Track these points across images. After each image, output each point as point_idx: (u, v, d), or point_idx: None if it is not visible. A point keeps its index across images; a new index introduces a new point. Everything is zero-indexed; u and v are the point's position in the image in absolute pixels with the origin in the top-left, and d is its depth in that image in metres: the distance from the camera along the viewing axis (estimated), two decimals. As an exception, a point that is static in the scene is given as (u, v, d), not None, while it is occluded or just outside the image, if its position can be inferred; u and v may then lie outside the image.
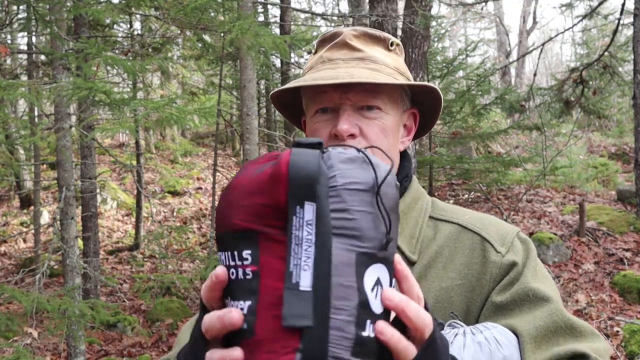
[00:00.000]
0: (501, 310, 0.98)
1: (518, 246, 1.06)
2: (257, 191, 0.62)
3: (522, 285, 0.99)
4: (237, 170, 1.23)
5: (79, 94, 3.51)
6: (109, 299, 7.37)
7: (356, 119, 1.04)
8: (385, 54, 1.10)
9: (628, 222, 7.48)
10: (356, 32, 1.09)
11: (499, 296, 0.99)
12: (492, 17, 20.56)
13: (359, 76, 1.00)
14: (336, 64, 1.06)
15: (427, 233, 1.08)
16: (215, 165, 6.73)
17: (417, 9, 6.63)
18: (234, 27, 3.89)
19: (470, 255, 1.04)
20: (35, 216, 9.07)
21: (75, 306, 3.84)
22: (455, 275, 1.03)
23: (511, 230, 1.08)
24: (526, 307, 0.97)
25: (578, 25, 13.16)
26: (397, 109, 1.09)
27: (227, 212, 0.64)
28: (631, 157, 11.26)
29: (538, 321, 0.94)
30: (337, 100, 1.04)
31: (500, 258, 1.02)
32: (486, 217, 1.12)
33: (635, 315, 5.52)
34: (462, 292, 1.01)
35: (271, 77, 9.65)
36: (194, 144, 15.44)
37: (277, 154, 0.63)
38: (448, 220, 1.10)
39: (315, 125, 1.07)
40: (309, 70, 1.12)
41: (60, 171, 4.84)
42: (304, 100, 1.13)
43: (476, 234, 1.06)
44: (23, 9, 5.96)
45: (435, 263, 1.04)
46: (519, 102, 8.74)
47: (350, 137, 1.03)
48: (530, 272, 1.01)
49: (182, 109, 3.75)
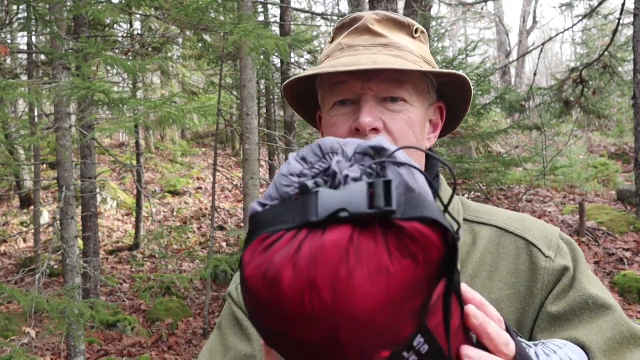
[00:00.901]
0: (558, 321, 0.89)
1: (565, 249, 0.96)
2: (408, 296, 0.49)
3: (579, 292, 0.90)
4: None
5: (78, 93, 3.51)
6: (109, 298, 7.37)
7: (379, 111, 0.93)
8: (410, 41, 1.00)
9: (628, 222, 7.48)
10: (378, 16, 0.99)
11: (554, 306, 0.90)
12: (492, 17, 20.56)
13: (383, 62, 0.90)
14: (357, 51, 0.96)
15: (466, 239, 0.98)
16: (216, 165, 6.73)
17: (417, 9, 6.63)
18: (236, 29, 3.89)
19: (517, 262, 0.95)
20: (35, 216, 9.07)
21: (75, 306, 3.84)
22: (503, 285, 0.93)
23: (554, 231, 0.99)
24: (586, 316, 0.88)
25: (578, 25, 13.17)
26: (423, 102, 0.98)
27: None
28: (631, 157, 11.26)
29: (606, 333, 0.85)
30: (358, 91, 0.93)
31: (550, 263, 0.93)
32: (525, 217, 1.02)
33: (635, 315, 5.52)
34: (512, 304, 0.92)
35: (271, 77, 9.64)
36: (194, 143, 15.44)
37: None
38: (485, 222, 0.99)
39: (333, 119, 0.97)
40: (325, 58, 1.01)
41: (60, 171, 4.84)
42: (319, 92, 1.02)
43: (520, 237, 0.97)
44: (23, 8, 5.96)
45: (479, 272, 0.95)
46: (519, 102, 8.73)
47: (373, 132, 0.92)
48: (584, 276, 0.93)
49: (182, 108, 3.76)
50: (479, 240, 0.98)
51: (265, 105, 10.67)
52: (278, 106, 10.43)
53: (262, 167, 11.34)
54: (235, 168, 13.07)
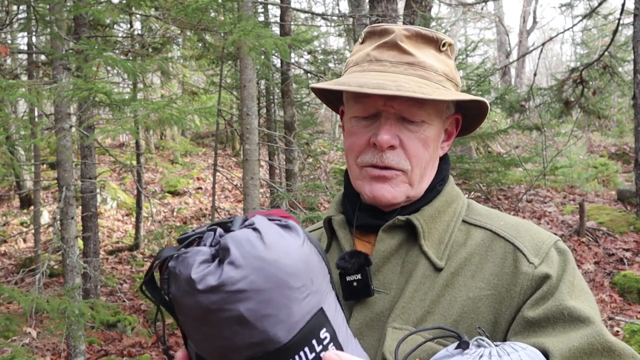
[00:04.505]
0: (533, 327, 0.91)
1: (554, 257, 0.97)
2: None
3: (557, 302, 0.91)
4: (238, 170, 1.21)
5: (79, 94, 3.51)
6: (109, 299, 7.37)
7: (398, 129, 1.00)
8: (436, 56, 1.04)
9: (628, 222, 7.48)
10: (408, 32, 1.03)
11: (530, 311, 0.92)
12: (492, 17, 20.55)
13: (407, 88, 0.95)
14: (383, 66, 1.01)
15: (458, 238, 1.03)
16: (216, 165, 6.73)
17: (417, 9, 6.64)
18: (235, 29, 3.89)
19: (501, 265, 0.98)
20: (35, 216, 9.07)
21: (75, 306, 3.84)
22: (483, 285, 0.97)
23: (548, 239, 1.00)
24: (560, 326, 0.89)
25: (578, 25, 13.17)
26: (441, 117, 1.05)
27: None
28: (631, 157, 11.26)
29: (573, 342, 0.86)
30: (381, 107, 1.00)
31: (533, 269, 0.95)
32: (523, 223, 1.04)
33: (635, 315, 5.52)
34: (490, 304, 0.95)
35: (271, 77, 9.64)
36: (194, 143, 15.44)
37: None
38: (481, 225, 1.04)
39: (353, 129, 1.04)
40: (353, 65, 1.06)
41: (60, 171, 4.84)
42: (344, 95, 1.08)
43: (509, 242, 1.00)
44: (23, 9, 5.97)
45: (463, 271, 0.99)
46: (519, 102, 8.74)
47: (390, 149, 0.99)
48: (566, 287, 0.93)
49: (182, 109, 3.75)
50: (470, 241, 1.02)
51: (265, 105, 10.67)
52: (278, 106, 10.43)
53: (262, 167, 11.34)
54: (235, 168, 13.07)
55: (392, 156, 1.00)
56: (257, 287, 0.68)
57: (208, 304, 0.69)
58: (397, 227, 1.03)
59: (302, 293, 0.70)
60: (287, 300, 0.69)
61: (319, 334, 0.70)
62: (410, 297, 0.97)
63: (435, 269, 0.99)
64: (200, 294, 0.69)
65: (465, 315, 0.95)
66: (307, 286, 0.71)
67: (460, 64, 9.01)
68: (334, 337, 0.72)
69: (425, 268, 0.99)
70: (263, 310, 0.68)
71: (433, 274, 0.99)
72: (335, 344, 0.71)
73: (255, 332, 0.68)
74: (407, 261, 1.01)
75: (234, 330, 0.69)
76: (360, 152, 1.03)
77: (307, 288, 0.71)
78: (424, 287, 0.98)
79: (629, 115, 12.78)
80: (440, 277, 0.98)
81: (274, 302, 0.68)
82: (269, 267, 0.69)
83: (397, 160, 1.00)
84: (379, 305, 0.99)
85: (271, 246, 0.71)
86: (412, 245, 1.02)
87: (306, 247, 0.75)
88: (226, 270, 0.69)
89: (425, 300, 0.97)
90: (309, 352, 0.69)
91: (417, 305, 0.97)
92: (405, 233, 1.03)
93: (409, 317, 0.96)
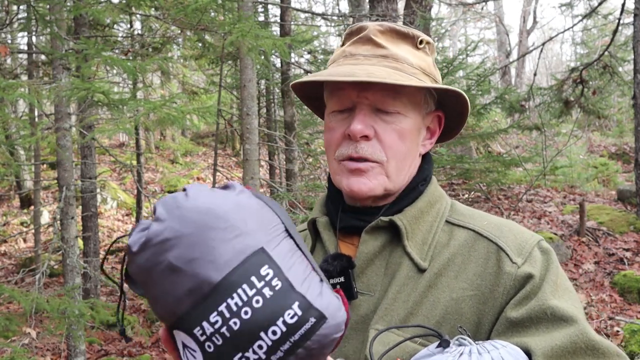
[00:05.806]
0: (515, 326, 0.91)
1: (537, 257, 0.97)
2: None
3: (540, 301, 0.91)
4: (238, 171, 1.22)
5: (78, 94, 3.51)
6: (109, 299, 7.38)
7: (372, 120, 0.99)
8: (412, 52, 1.03)
9: (628, 222, 7.48)
10: (382, 27, 1.04)
11: (513, 311, 0.92)
12: (492, 17, 20.56)
13: (377, 75, 0.95)
14: (357, 60, 1.02)
15: (441, 239, 1.02)
16: (216, 165, 6.73)
17: (417, 9, 6.64)
18: (234, 29, 3.89)
19: (484, 265, 0.97)
20: (35, 216, 9.07)
21: (75, 306, 3.84)
22: (466, 286, 0.96)
23: (531, 239, 1.00)
24: (543, 326, 0.89)
25: (578, 25, 13.18)
26: (418, 112, 1.03)
27: None
28: (631, 157, 11.26)
29: (555, 341, 0.86)
30: (355, 99, 0.99)
31: (515, 269, 0.95)
32: (506, 223, 1.04)
33: (635, 315, 5.52)
34: (473, 304, 0.95)
35: (271, 77, 9.64)
36: (194, 143, 15.45)
37: None
38: (464, 226, 1.03)
39: (331, 124, 1.04)
40: (331, 63, 1.07)
41: (60, 171, 4.84)
42: (325, 93, 1.08)
43: (492, 242, 0.99)
44: (23, 8, 5.96)
45: (446, 271, 0.98)
46: (519, 102, 8.74)
47: (363, 139, 0.99)
48: (549, 286, 0.93)
49: (181, 109, 3.75)
50: (452, 241, 1.01)
51: (265, 105, 10.67)
52: (278, 106, 10.43)
53: (262, 167, 11.35)
54: (235, 168, 13.07)
55: (367, 147, 0.99)
56: (180, 234, 0.71)
57: (144, 263, 0.72)
58: (380, 228, 1.02)
59: (230, 233, 0.71)
60: (211, 241, 0.71)
61: (258, 271, 0.71)
62: (393, 299, 0.97)
63: (418, 269, 0.99)
64: (136, 255, 0.73)
65: (448, 316, 0.95)
66: (236, 227, 0.72)
67: (460, 64, 9.01)
68: (278, 273, 0.71)
69: (409, 269, 0.99)
70: (190, 254, 0.70)
71: (416, 275, 0.98)
72: (281, 278, 0.71)
73: (188, 277, 0.70)
74: (390, 262, 1.01)
75: (171, 281, 0.71)
76: (337, 146, 1.02)
77: (237, 229, 0.72)
78: (407, 288, 0.97)
79: (629, 115, 12.79)
80: (423, 278, 0.98)
81: (198, 244, 0.70)
82: (188, 212, 0.72)
83: (372, 151, 0.99)
84: (364, 308, 0.99)
85: (193, 197, 0.74)
86: (396, 246, 1.02)
87: (242, 197, 0.76)
88: (152, 226, 0.73)
89: (408, 302, 0.96)
90: (248, 288, 0.70)
91: (400, 306, 0.96)
92: (388, 234, 1.02)
93: (392, 319, 0.95)
